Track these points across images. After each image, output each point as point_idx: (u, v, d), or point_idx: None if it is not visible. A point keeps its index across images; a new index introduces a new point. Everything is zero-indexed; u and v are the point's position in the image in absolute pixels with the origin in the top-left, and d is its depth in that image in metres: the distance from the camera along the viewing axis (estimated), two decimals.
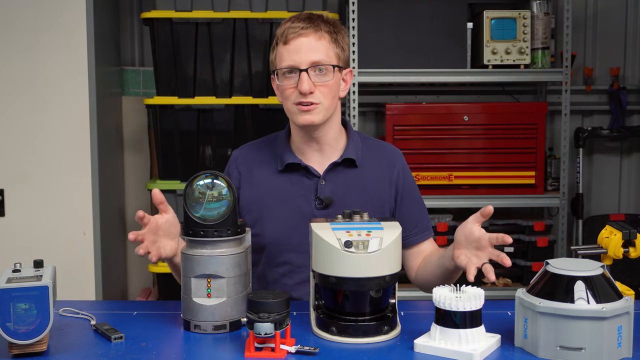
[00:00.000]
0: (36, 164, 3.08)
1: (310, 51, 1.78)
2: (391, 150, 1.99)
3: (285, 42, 1.80)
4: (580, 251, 1.69)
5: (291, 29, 1.79)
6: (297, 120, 1.83)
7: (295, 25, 1.80)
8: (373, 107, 3.91)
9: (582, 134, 3.81)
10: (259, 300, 1.38)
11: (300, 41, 1.79)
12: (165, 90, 3.27)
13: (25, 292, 1.36)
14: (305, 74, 1.77)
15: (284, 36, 1.80)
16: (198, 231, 1.53)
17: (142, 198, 3.79)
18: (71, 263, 3.06)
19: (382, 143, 2.03)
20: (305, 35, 1.79)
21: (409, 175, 1.98)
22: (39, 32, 3.03)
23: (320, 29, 1.80)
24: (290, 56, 1.79)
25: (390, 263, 1.47)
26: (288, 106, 1.83)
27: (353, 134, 1.95)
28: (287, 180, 1.89)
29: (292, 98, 1.81)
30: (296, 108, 1.81)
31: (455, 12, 3.51)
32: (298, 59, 1.78)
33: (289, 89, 1.81)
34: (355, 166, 1.91)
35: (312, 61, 1.79)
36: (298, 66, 1.78)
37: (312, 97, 1.79)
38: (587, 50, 3.97)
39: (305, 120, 1.81)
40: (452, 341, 1.39)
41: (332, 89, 1.82)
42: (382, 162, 1.94)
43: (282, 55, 1.81)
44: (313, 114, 1.80)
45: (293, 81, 1.80)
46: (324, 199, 1.86)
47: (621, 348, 1.35)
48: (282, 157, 1.90)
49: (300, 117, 1.81)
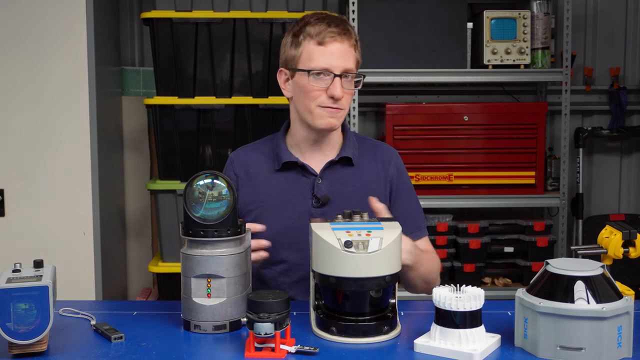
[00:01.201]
0: (36, 164, 3.08)
1: (344, 58, 1.81)
2: (387, 149, 2.01)
3: (321, 43, 1.80)
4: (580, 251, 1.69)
5: (329, 32, 1.80)
6: (318, 122, 1.83)
7: (332, 30, 1.80)
8: (373, 107, 3.91)
9: (582, 134, 3.81)
10: (259, 300, 1.38)
11: (336, 46, 1.80)
12: (165, 90, 3.27)
13: (25, 292, 1.36)
14: (339, 79, 1.79)
15: (319, 36, 1.80)
16: (198, 231, 1.53)
17: (142, 198, 3.79)
18: (71, 263, 3.06)
19: (378, 143, 2.04)
20: (341, 41, 1.81)
21: (404, 175, 1.98)
22: (39, 32, 3.03)
23: (352, 36, 1.84)
24: (325, 58, 1.80)
25: (390, 263, 1.47)
26: (310, 107, 1.82)
27: (349, 134, 1.97)
28: (284, 179, 1.90)
29: (319, 100, 1.81)
30: (321, 110, 1.82)
31: (455, 12, 3.51)
32: (333, 63, 1.79)
33: (317, 90, 1.81)
34: (352, 165, 1.92)
35: (346, 68, 1.81)
36: (333, 70, 1.79)
37: (340, 103, 1.81)
38: (587, 50, 3.98)
39: (329, 123, 1.82)
40: (452, 341, 1.39)
41: (352, 96, 1.87)
42: (378, 161, 1.96)
43: (315, 55, 1.80)
44: (337, 118, 1.83)
45: (323, 83, 1.80)
46: (320, 198, 1.87)
47: (621, 348, 1.35)
48: (279, 156, 1.91)
49: (324, 120, 1.82)
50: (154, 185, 3.30)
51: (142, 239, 3.85)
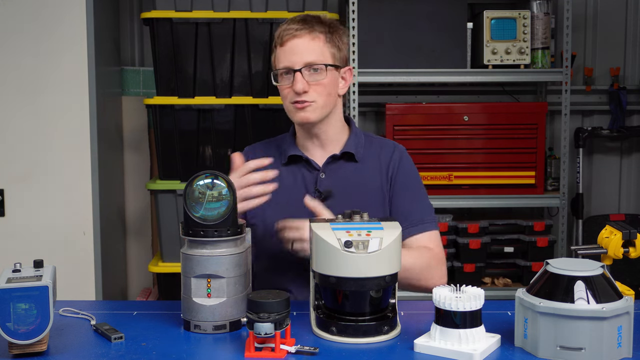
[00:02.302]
0: (36, 164, 3.08)
1: (304, 52, 1.86)
2: (392, 145, 2.02)
3: (281, 44, 1.88)
4: (580, 251, 1.69)
5: (286, 31, 1.87)
6: (293, 118, 1.91)
7: (290, 27, 1.87)
8: (373, 107, 3.91)
9: (582, 134, 3.81)
10: (259, 300, 1.38)
11: (295, 42, 1.86)
12: (165, 90, 3.27)
13: (25, 292, 1.36)
14: (299, 74, 1.85)
15: (279, 38, 1.88)
16: (198, 231, 1.53)
17: (142, 198, 3.79)
18: (71, 263, 3.06)
19: (385, 140, 2.07)
20: (299, 36, 1.86)
21: (407, 169, 1.98)
22: (39, 32, 3.03)
23: (315, 30, 1.87)
24: (286, 57, 1.87)
25: (390, 263, 1.47)
26: (286, 105, 1.92)
27: (356, 130, 2.00)
28: (289, 173, 1.95)
29: (289, 97, 1.89)
30: (292, 107, 1.89)
31: (455, 12, 3.51)
32: (293, 59, 1.86)
33: (285, 89, 1.89)
34: (355, 161, 1.96)
35: (306, 62, 1.85)
36: (292, 66, 1.86)
37: (306, 96, 1.86)
38: (587, 50, 3.98)
39: (300, 117, 1.89)
40: (452, 341, 1.39)
41: (326, 88, 1.88)
42: (381, 156, 1.98)
43: (279, 56, 1.89)
44: (307, 111, 1.87)
45: (289, 81, 1.87)
46: (323, 192, 1.91)
47: (621, 348, 1.35)
48: (285, 151, 1.98)
49: (295, 115, 1.89)
50: (154, 185, 3.30)
51: (142, 239, 3.85)
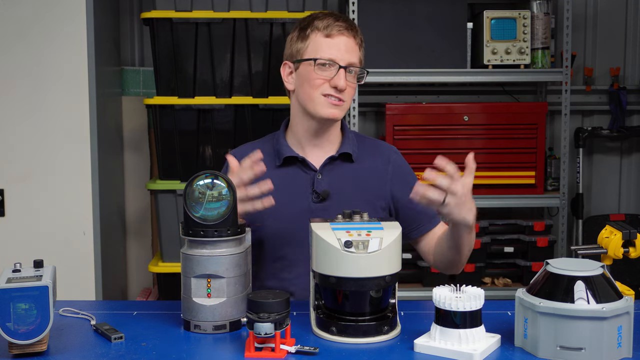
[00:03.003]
0: (36, 163, 3.08)
1: (349, 51, 1.86)
2: (386, 147, 2.04)
3: (328, 35, 1.86)
4: (580, 251, 1.69)
5: (336, 26, 1.86)
6: (320, 111, 1.86)
7: (339, 24, 1.87)
8: (373, 107, 3.91)
9: (582, 134, 3.81)
10: (259, 300, 1.38)
11: (342, 39, 1.86)
12: (165, 90, 3.27)
13: (25, 292, 1.36)
14: (343, 71, 1.84)
15: (327, 29, 1.86)
16: (198, 231, 1.53)
17: (142, 198, 3.79)
18: (71, 263, 3.06)
19: (377, 141, 2.08)
20: (347, 35, 1.87)
21: (406, 170, 2.01)
22: (39, 32, 3.03)
23: (357, 35, 1.91)
24: (332, 50, 1.85)
25: (390, 263, 1.47)
26: (313, 96, 1.86)
27: (348, 132, 2.00)
28: (284, 175, 1.92)
29: (321, 89, 1.85)
30: (324, 100, 1.85)
31: (455, 12, 3.51)
32: (339, 55, 1.85)
33: (320, 79, 1.85)
34: (352, 161, 1.95)
35: (350, 62, 1.86)
36: (338, 62, 1.85)
37: (342, 94, 1.85)
38: (587, 50, 3.98)
39: (331, 114, 1.86)
40: (452, 341, 1.39)
41: (354, 91, 1.92)
42: (378, 158, 1.98)
43: (322, 46, 1.85)
44: (339, 109, 1.87)
45: (328, 74, 1.85)
46: (320, 193, 1.89)
47: (621, 348, 1.35)
48: (279, 152, 1.94)
49: (326, 109, 1.86)
50: (154, 185, 3.30)
51: (142, 239, 3.85)
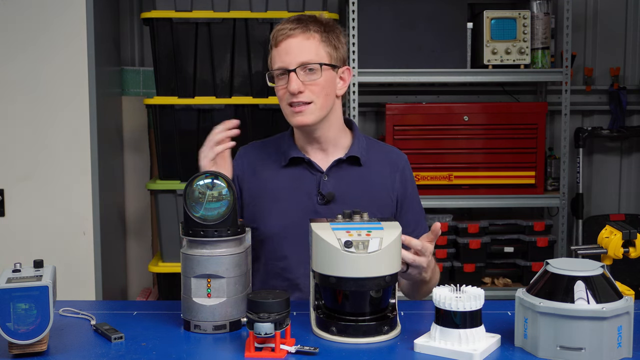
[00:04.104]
0: (36, 163, 3.08)
1: (298, 52, 1.82)
2: (397, 154, 2.01)
3: (276, 45, 1.84)
4: (580, 251, 1.69)
5: (280, 31, 1.84)
6: (290, 121, 1.87)
7: (285, 27, 1.84)
8: (373, 107, 3.91)
9: (582, 134, 3.81)
10: (259, 300, 1.38)
11: (289, 42, 1.82)
12: (165, 90, 3.27)
13: (25, 292, 1.36)
14: (293, 74, 1.80)
15: (274, 39, 1.85)
16: (198, 231, 1.53)
17: (142, 198, 3.79)
18: (71, 263, 3.06)
19: (389, 147, 2.05)
20: (293, 36, 1.82)
21: (411, 181, 2.00)
22: (39, 32, 3.03)
23: (309, 29, 1.83)
24: (280, 57, 1.83)
25: (390, 263, 1.47)
26: (283, 107, 1.87)
27: (359, 135, 1.97)
28: (290, 175, 1.92)
29: (285, 99, 1.84)
30: (289, 110, 1.84)
31: (455, 12, 3.51)
32: (287, 59, 1.82)
33: (281, 90, 1.84)
34: (360, 165, 1.93)
35: (301, 61, 1.81)
36: (287, 67, 1.82)
37: (302, 96, 1.81)
38: (587, 50, 3.97)
39: (298, 121, 1.84)
40: (452, 341, 1.39)
41: (324, 88, 1.83)
42: (386, 165, 1.96)
43: (274, 57, 1.85)
44: (305, 114, 1.83)
45: (284, 82, 1.83)
46: (325, 195, 1.88)
47: (621, 348, 1.35)
48: (286, 153, 1.93)
49: (293, 118, 1.85)
50: (154, 185, 3.30)
51: (142, 239, 3.85)
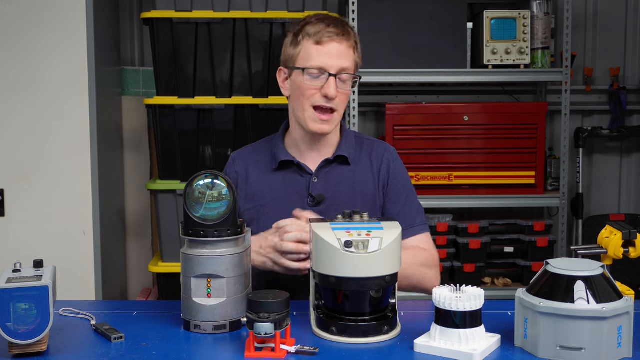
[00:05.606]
0: (36, 164, 3.08)
1: (340, 57, 1.82)
2: (382, 147, 1.99)
3: (318, 43, 1.81)
4: (580, 251, 1.69)
5: (326, 32, 1.81)
6: (310, 125, 1.84)
7: (330, 30, 1.81)
8: (373, 107, 3.91)
9: (582, 134, 3.81)
10: (259, 300, 1.38)
11: (334, 46, 1.81)
12: (165, 90, 3.27)
13: (25, 292, 1.36)
14: (333, 78, 1.80)
15: (317, 36, 1.81)
16: (198, 231, 1.53)
17: (142, 198, 3.79)
18: (71, 263, 3.06)
19: (375, 141, 2.03)
20: (338, 41, 1.82)
21: (399, 172, 1.96)
22: (39, 32, 3.03)
23: (351, 38, 1.84)
24: (322, 58, 1.81)
25: (390, 263, 1.47)
26: (305, 107, 1.84)
27: (347, 133, 1.97)
28: (281, 178, 1.92)
29: (312, 99, 1.82)
30: (313, 113, 1.83)
31: (455, 12, 3.51)
32: (330, 62, 1.81)
33: (311, 90, 1.82)
34: (348, 164, 1.92)
35: (342, 68, 1.82)
36: (328, 69, 1.81)
37: (333, 103, 1.81)
38: (587, 50, 3.98)
39: (320, 129, 1.84)
40: (452, 341, 1.39)
41: (347, 98, 1.86)
42: (372, 159, 1.96)
43: (312, 54, 1.82)
44: (329, 123, 1.84)
45: (318, 82, 1.81)
46: (316, 197, 1.88)
47: (621, 348, 1.35)
48: (276, 156, 1.93)
49: (316, 125, 1.84)
50: (154, 185, 3.30)
51: (142, 239, 3.85)
